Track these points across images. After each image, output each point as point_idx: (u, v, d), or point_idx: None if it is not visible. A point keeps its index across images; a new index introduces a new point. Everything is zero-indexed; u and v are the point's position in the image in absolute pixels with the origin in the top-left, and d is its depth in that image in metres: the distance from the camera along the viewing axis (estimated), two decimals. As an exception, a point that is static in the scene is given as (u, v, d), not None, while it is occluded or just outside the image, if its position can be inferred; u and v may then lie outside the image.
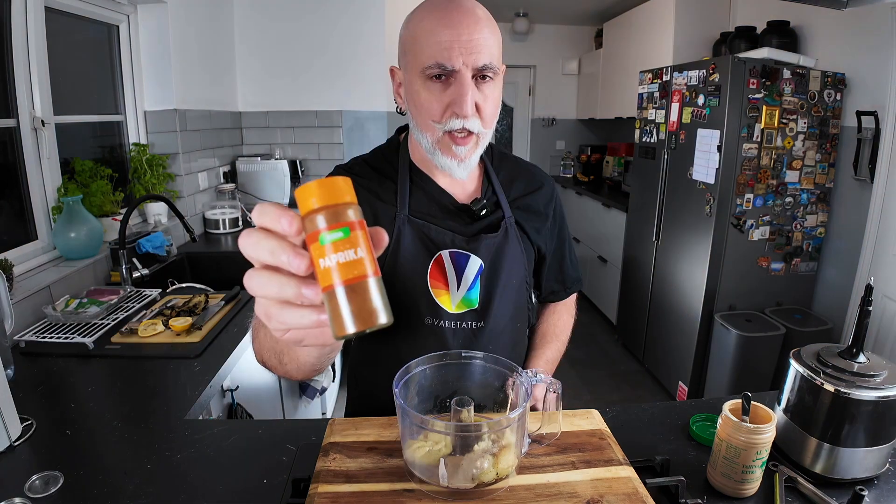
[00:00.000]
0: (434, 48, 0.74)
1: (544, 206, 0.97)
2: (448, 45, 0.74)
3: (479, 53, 0.75)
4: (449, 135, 0.79)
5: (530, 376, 0.71)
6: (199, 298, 1.51)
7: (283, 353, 0.61)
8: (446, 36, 0.74)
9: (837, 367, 0.74)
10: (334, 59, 2.90)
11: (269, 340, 0.63)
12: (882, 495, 0.73)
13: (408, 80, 0.80)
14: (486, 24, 0.76)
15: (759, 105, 2.26)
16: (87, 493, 0.74)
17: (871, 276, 2.10)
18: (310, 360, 0.57)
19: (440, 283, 0.86)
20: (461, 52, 0.74)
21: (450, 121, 0.77)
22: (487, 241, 0.88)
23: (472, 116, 0.77)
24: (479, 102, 0.78)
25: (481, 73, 0.76)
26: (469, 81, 0.76)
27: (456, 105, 0.76)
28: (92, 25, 1.97)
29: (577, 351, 3.38)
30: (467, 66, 0.75)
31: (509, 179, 0.96)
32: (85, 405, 1.00)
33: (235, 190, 2.68)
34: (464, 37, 0.74)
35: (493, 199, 0.92)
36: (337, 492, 0.66)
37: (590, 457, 0.75)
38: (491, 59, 0.76)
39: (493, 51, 0.77)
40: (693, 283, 2.55)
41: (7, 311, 1.14)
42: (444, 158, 0.81)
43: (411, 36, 0.78)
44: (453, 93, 0.76)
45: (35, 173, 1.62)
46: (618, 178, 4.09)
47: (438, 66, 0.75)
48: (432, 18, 0.75)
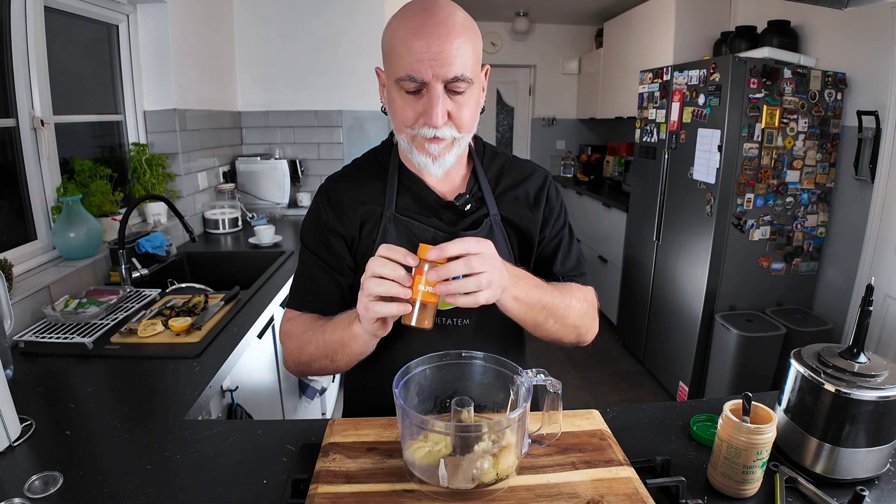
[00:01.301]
0: (406, 59, 0.75)
1: (535, 194, 0.96)
2: (419, 56, 0.74)
3: (450, 66, 0.74)
4: (422, 137, 0.81)
5: (531, 376, 0.71)
6: (198, 298, 1.51)
7: (336, 352, 0.82)
8: (417, 47, 0.74)
9: (838, 368, 0.74)
10: (334, 58, 2.90)
11: (326, 346, 0.83)
12: (883, 495, 0.73)
13: (387, 85, 0.82)
14: (460, 33, 0.75)
15: (760, 105, 2.26)
16: (87, 494, 0.74)
17: (872, 276, 2.10)
18: (361, 349, 0.81)
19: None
20: (431, 64, 0.74)
21: (422, 129, 0.80)
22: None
23: (443, 126, 0.79)
24: (453, 111, 0.79)
25: (453, 83, 0.77)
26: (439, 93, 0.76)
27: (426, 115, 0.78)
28: (91, 25, 1.97)
29: (577, 351, 3.37)
30: (437, 78, 0.75)
31: (498, 175, 0.96)
32: (84, 405, 1.00)
33: (235, 190, 2.68)
34: (434, 48, 0.74)
35: (478, 195, 0.93)
36: (337, 492, 0.66)
37: (590, 457, 0.75)
38: (463, 70, 0.76)
39: (468, 60, 0.77)
40: (693, 283, 2.55)
41: (6, 311, 1.14)
42: (420, 156, 0.83)
43: (388, 43, 0.79)
44: (425, 103, 0.78)
45: (34, 173, 1.61)
46: (618, 178, 4.09)
47: (409, 78, 0.76)
48: (406, 28, 0.76)
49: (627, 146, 4.21)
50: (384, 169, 0.94)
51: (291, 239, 2.39)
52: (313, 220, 0.94)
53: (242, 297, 1.59)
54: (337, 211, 0.91)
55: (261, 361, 1.59)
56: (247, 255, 2.21)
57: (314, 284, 0.92)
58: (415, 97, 0.78)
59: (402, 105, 0.79)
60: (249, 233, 2.43)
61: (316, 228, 0.93)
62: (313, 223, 0.93)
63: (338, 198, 0.92)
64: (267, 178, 2.84)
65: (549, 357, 3.30)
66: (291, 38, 2.87)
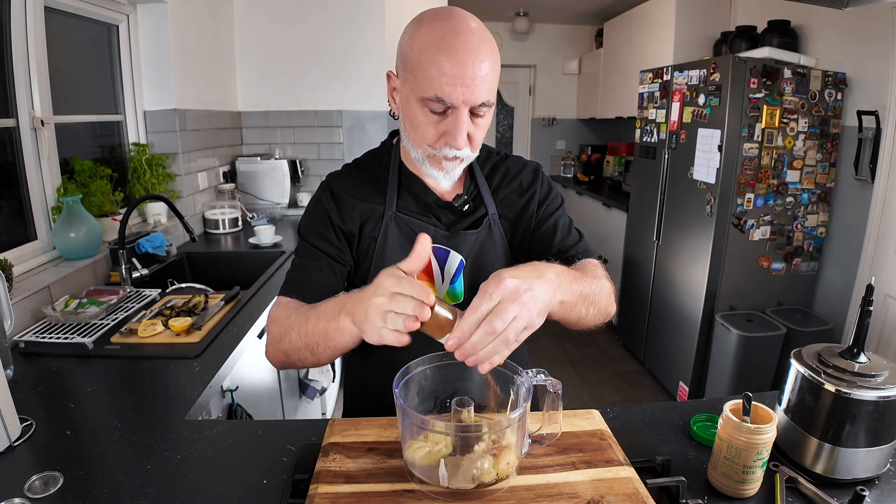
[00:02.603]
0: (436, 81, 0.75)
1: (528, 183, 0.98)
2: (450, 81, 0.75)
3: (479, 93, 0.76)
4: (442, 156, 0.83)
5: (531, 376, 0.71)
6: (198, 298, 1.51)
7: (318, 344, 0.78)
8: (449, 71, 0.74)
9: (838, 368, 0.74)
10: (334, 58, 2.90)
11: (308, 337, 0.78)
12: (883, 495, 0.73)
13: (405, 96, 0.82)
14: (488, 58, 0.76)
15: (760, 105, 2.26)
16: (87, 494, 0.74)
17: (872, 276, 2.10)
18: (345, 345, 0.76)
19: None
20: (462, 91, 0.75)
21: (443, 149, 0.81)
22: (468, 238, 0.92)
23: (464, 147, 0.81)
24: (472, 132, 0.81)
25: (478, 108, 0.78)
26: (465, 118, 0.78)
27: (450, 137, 0.79)
28: (91, 25, 1.97)
29: (577, 351, 3.38)
30: (466, 103, 0.77)
31: (492, 172, 0.98)
32: (84, 405, 1.00)
33: (235, 190, 2.68)
34: (467, 74, 0.74)
35: (475, 194, 0.95)
36: (337, 492, 0.66)
37: (590, 457, 0.74)
38: (489, 96, 0.78)
39: (493, 86, 0.79)
40: (694, 283, 2.55)
41: (6, 311, 1.14)
42: (432, 170, 0.85)
43: (414, 56, 0.78)
44: (449, 125, 0.79)
45: (35, 173, 1.61)
46: (618, 178, 4.09)
47: (438, 100, 0.76)
48: (438, 48, 0.75)
49: (627, 146, 4.21)
50: (384, 169, 0.95)
51: (291, 239, 2.38)
52: (314, 210, 0.94)
53: (242, 297, 1.59)
54: (339, 206, 0.92)
55: (261, 361, 1.58)
56: (247, 255, 2.21)
57: (307, 274, 0.92)
58: (439, 117, 0.79)
59: (424, 123, 0.80)
60: (249, 233, 2.43)
61: (317, 219, 0.92)
62: (314, 213, 0.93)
63: (340, 193, 0.93)
64: (267, 178, 2.84)
65: (549, 357, 3.30)
66: (292, 37, 2.87)
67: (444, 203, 0.93)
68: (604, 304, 0.85)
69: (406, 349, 0.79)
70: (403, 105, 0.84)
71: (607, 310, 0.88)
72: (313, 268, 0.91)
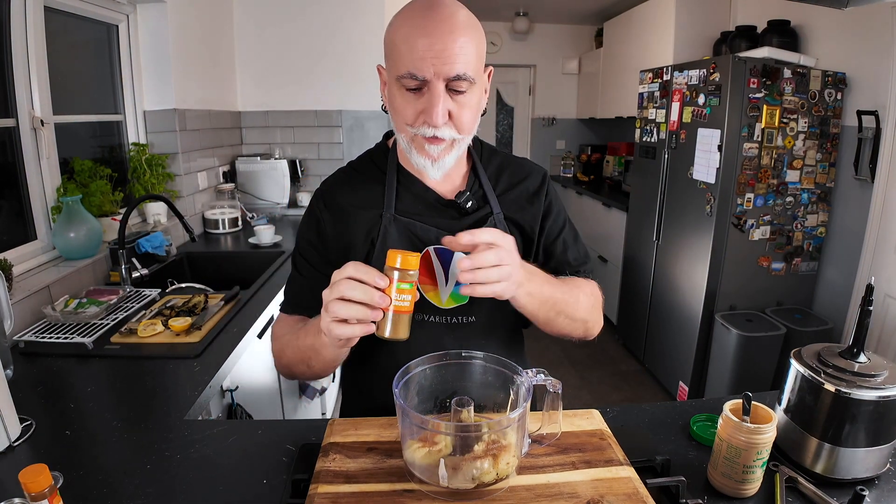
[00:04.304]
0: (407, 57, 0.74)
1: (534, 191, 0.96)
2: (421, 54, 0.73)
3: (452, 63, 0.74)
4: (422, 136, 0.80)
5: (530, 376, 0.71)
6: (198, 298, 1.51)
7: (311, 358, 0.81)
8: (419, 45, 0.73)
9: (838, 367, 0.74)
10: (334, 58, 2.90)
11: (301, 352, 0.82)
12: (883, 495, 0.73)
13: (388, 82, 0.82)
14: (463, 32, 0.75)
15: (760, 104, 2.26)
16: (87, 494, 0.74)
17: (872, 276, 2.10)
18: (333, 357, 0.80)
19: (427, 280, 0.88)
20: (433, 62, 0.73)
21: (421, 127, 0.79)
22: None
23: (443, 125, 0.78)
24: (453, 111, 0.78)
25: (455, 82, 0.76)
26: (440, 92, 0.75)
27: (426, 114, 0.77)
28: (91, 25, 1.97)
29: (577, 351, 3.38)
30: (439, 76, 0.74)
31: (497, 173, 0.96)
32: (84, 405, 1.00)
33: (235, 190, 2.68)
34: (437, 46, 0.73)
35: (479, 193, 0.92)
36: (337, 492, 0.66)
37: (590, 457, 0.74)
38: (466, 69, 0.75)
39: (470, 59, 0.76)
40: (693, 282, 2.55)
41: (6, 311, 1.14)
42: (419, 157, 0.82)
43: (391, 40, 0.78)
44: (425, 101, 0.77)
45: (34, 173, 1.61)
46: (618, 178, 4.09)
47: (410, 76, 0.75)
48: (409, 25, 0.75)
49: (627, 146, 4.21)
50: (381, 170, 0.92)
51: (291, 239, 2.38)
52: (308, 224, 0.93)
53: (242, 297, 1.59)
54: (335, 215, 0.90)
55: (261, 361, 1.58)
56: (247, 255, 2.21)
57: (302, 289, 0.92)
58: (415, 95, 0.77)
59: (402, 103, 0.79)
60: (249, 233, 2.43)
61: (310, 233, 0.92)
62: (308, 227, 0.93)
63: (335, 202, 0.91)
64: (267, 178, 2.84)
65: (549, 357, 3.30)
66: (291, 37, 2.87)
67: (446, 201, 0.91)
68: (580, 317, 0.90)
69: (407, 351, 0.80)
70: (388, 92, 0.82)
71: (586, 325, 0.93)
72: (308, 282, 0.91)
